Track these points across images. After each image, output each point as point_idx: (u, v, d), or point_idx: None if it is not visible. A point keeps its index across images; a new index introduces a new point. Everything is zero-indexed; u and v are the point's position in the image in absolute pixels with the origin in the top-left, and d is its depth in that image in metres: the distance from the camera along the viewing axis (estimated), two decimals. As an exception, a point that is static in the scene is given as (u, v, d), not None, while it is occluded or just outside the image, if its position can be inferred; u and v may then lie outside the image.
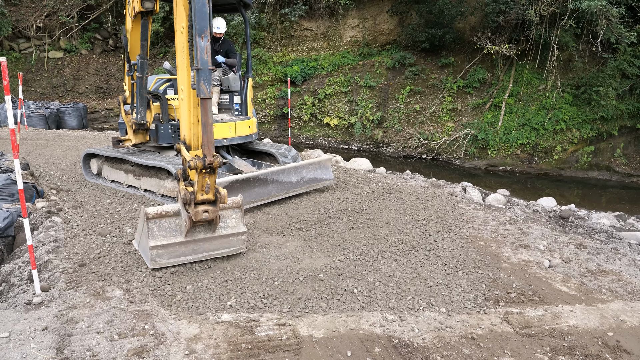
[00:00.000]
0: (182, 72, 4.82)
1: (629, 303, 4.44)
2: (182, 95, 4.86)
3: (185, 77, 4.79)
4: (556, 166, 15.27)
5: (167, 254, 4.80)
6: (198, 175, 4.50)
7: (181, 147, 4.81)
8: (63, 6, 23.00)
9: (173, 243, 4.76)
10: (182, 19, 4.64)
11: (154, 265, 4.75)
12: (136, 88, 7.28)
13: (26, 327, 3.79)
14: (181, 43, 4.72)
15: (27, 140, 12.97)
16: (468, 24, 18.17)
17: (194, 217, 4.59)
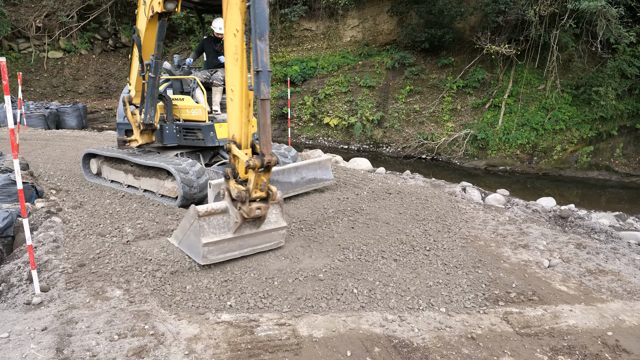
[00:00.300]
0: (233, 74, 4.86)
1: (628, 303, 4.45)
2: (231, 96, 4.91)
3: (237, 79, 4.82)
4: (556, 166, 15.27)
5: (217, 250, 4.95)
6: (255, 174, 4.66)
7: (232, 146, 4.90)
8: (63, 6, 22.99)
9: (223, 240, 4.92)
10: (237, 23, 4.68)
11: (204, 261, 4.87)
12: (147, 88, 7.23)
13: (26, 327, 3.79)
14: (234, 45, 4.75)
15: (27, 140, 12.96)
16: (468, 24, 18.16)
17: (247, 214, 4.79)
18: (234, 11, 4.68)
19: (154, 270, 4.82)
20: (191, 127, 7.63)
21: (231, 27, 4.75)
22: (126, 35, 24.06)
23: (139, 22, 7.20)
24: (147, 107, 7.33)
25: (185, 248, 5.19)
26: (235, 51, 4.75)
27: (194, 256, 5.02)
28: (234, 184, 4.86)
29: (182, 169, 6.80)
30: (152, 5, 6.69)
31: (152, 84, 7.16)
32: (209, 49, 8.48)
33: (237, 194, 4.74)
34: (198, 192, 6.92)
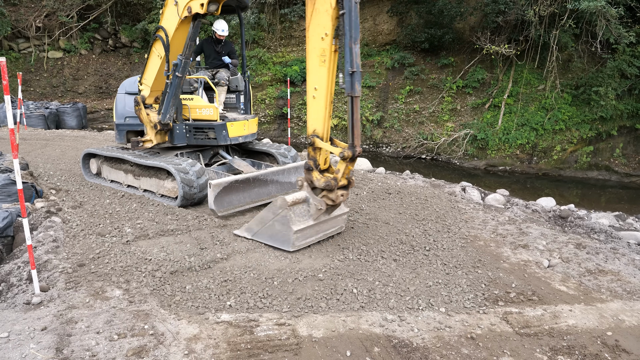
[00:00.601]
0: (319, 74, 5.18)
1: (627, 302, 4.45)
2: (314, 94, 5.26)
3: (324, 79, 5.15)
4: (555, 166, 15.27)
5: (302, 237, 5.33)
6: (345, 164, 5.16)
7: (316, 140, 5.30)
8: (62, 6, 22.98)
9: (307, 227, 5.31)
10: (327, 28, 5.01)
11: (293, 248, 5.25)
12: (171, 88, 7.20)
13: (25, 327, 3.79)
14: (321, 48, 5.10)
15: (27, 140, 12.96)
16: (467, 24, 18.17)
17: (334, 200, 5.27)
18: (323, 17, 5.03)
19: (154, 270, 4.82)
20: (202, 126, 7.69)
21: (319, 32, 5.09)
22: (126, 35, 24.06)
23: (165, 21, 7.07)
24: (167, 107, 7.32)
25: (266, 238, 5.50)
26: (322, 53, 5.10)
27: (280, 244, 5.35)
28: (318, 175, 5.31)
29: (182, 169, 6.80)
30: (188, 6, 6.66)
31: (177, 84, 7.15)
32: (210, 49, 8.48)
33: (326, 183, 5.19)
34: (198, 192, 6.92)
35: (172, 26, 7.00)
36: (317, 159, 5.37)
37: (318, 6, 5.04)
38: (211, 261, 5.06)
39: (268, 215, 5.43)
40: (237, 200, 6.73)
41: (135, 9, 23.66)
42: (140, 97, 7.62)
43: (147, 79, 7.61)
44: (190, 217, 6.38)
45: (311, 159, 5.36)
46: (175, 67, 7.09)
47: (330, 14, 4.95)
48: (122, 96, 8.14)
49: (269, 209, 5.41)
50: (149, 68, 7.56)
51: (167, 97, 7.27)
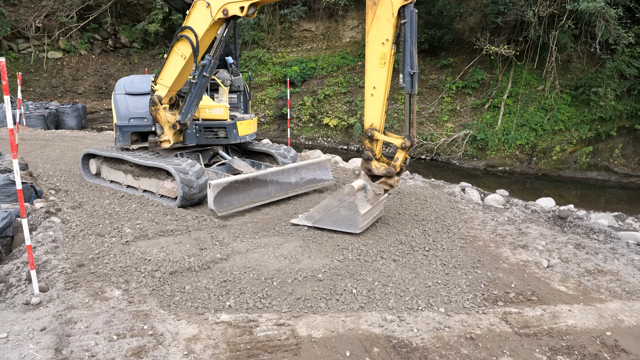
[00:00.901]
0: (379, 75, 5.77)
1: (627, 303, 4.45)
2: (372, 92, 5.87)
3: (383, 79, 5.75)
4: (555, 166, 15.28)
5: (363, 220, 5.91)
6: (403, 153, 5.83)
7: (375, 132, 5.92)
8: (62, 6, 22.97)
9: (367, 211, 5.93)
10: (388, 34, 5.63)
11: (359, 230, 5.86)
12: (195, 88, 7.22)
13: (24, 327, 3.79)
14: (381, 52, 5.71)
15: (26, 140, 12.96)
16: (467, 25, 18.18)
17: (394, 185, 5.94)
18: (384, 25, 5.64)
19: (153, 270, 4.82)
20: (212, 125, 7.83)
21: (379, 37, 5.69)
22: (126, 35, 24.05)
23: (194, 22, 7.01)
24: (189, 107, 7.37)
25: (329, 224, 6.00)
26: (382, 56, 5.71)
27: (344, 228, 5.92)
28: (378, 163, 5.96)
29: (182, 169, 6.80)
30: (224, 9, 6.69)
31: (203, 84, 7.20)
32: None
33: (387, 170, 5.84)
34: (197, 193, 6.92)
35: (202, 27, 6.97)
36: (374, 149, 5.97)
37: (379, 15, 5.61)
38: (211, 261, 5.06)
39: (333, 202, 5.93)
40: (236, 201, 6.73)
41: (135, 9, 23.66)
42: (156, 97, 7.53)
43: (165, 79, 7.49)
44: (189, 218, 6.38)
45: (368, 150, 5.97)
46: (203, 68, 7.12)
47: (391, 22, 5.56)
48: (123, 97, 8.07)
49: (335, 197, 5.93)
50: (169, 68, 7.44)
51: (191, 97, 7.33)
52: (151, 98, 7.52)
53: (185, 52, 7.16)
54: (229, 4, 6.66)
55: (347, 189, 5.80)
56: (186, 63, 7.22)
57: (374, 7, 5.66)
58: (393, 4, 5.50)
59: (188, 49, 7.10)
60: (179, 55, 7.23)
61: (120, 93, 8.02)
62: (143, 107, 7.87)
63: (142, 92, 7.94)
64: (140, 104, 7.91)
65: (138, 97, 7.95)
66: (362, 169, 6.03)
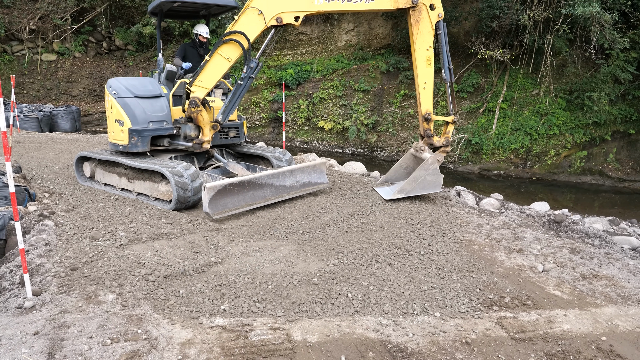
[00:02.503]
0: (427, 73, 7.71)
1: (622, 307, 4.46)
2: (424, 86, 7.75)
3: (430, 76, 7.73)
4: (549, 171, 15.35)
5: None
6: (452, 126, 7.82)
7: (432, 115, 7.74)
8: (56, 9, 22.88)
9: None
10: (430, 42, 7.69)
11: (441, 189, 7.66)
12: (241, 89, 7.46)
13: (17, 331, 3.75)
14: (427, 56, 7.69)
15: (20, 143, 12.88)
16: (462, 29, 18.26)
17: (449, 151, 7.83)
18: (427, 36, 7.63)
19: (147, 274, 4.79)
20: (225, 125, 8.20)
21: (424, 45, 7.68)
22: (120, 38, 23.99)
23: (244, 27, 7.20)
24: (232, 107, 7.58)
25: (419, 190, 7.48)
26: (428, 59, 7.67)
27: (431, 189, 7.54)
28: (437, 137, 7.77)
29: (177, 172, 6.78)
30: (278, 17, 7.12)
31: (248, 86, 7.54)
32: (192, 53, 8.46)
33: (447, 140, 7.76)
34: (192, 196, 6.90)
35: (254, 32, 7.24)
36: (430, 129, 7.78)
37: (422, 29, 7.60)
38: (205, 265, 5.04)
39: (420, 174, 7.40)
40: (231, 204, 6.71)
41: (130, 11, 23.61)
42: (197, 98, 7.45)
43: (205, 80, 7.44)
44: (184, 221, 6.35)
45: (427, 130, 7.75)
46: (251, 70, 7.41)
47: (432, 34, 7.61)
48: (134, 100, 7.68)
49: (421, 169, 7.41)
50: (212, 70, 7.42)
51: (234, 98, 7.50)
52: (191, 100, 7.41)
53: (231, 55, 7.34)
54: (284, 13, 7.10)
55: (431, 158, 7.38)
56: (230, 65, 7.44)
57: (417, 24, 7.59)
58: (432, 21, 7.57)
59: (235, 52, 7.33)
60: (224, 58, 7.34)
61: (129, 96, 7.71)
62: (160, 110, 7.73)
63: (153, 95, 7.80)
64: (156, 107, 7.71)
65: (151, 100, 7.72)
66: (425, 144, 7.78)
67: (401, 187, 7.50)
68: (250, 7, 7.14)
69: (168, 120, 7.79)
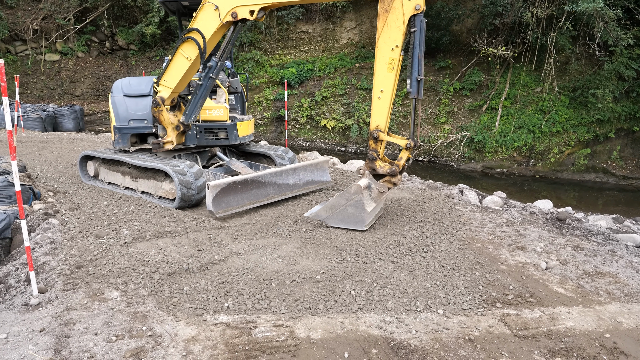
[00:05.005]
0: (387, 79, 5.98)
1: (625, 305, 4.46)
2: (379, 95, 6.05)
3: (390, 83, 5.97)
4: (552, 168, 15.31)
5: (369, 217, 6.10)
6: (407, 153, 6.14)
7: (380, 133, 6.11)
8: (59, 9, 22.95)
9: (372, 209, 6.15)
10: (398, 41, 5.85)
11: (366, 227, 6.05)
12: (201, 90, 7.24)
13: (24, 328, 3.78)
14: (391, 57, 5.92)
15: (24, 142, 12.93)
16: (465, 27, 18.22)
17: (397, 184, 6.27)
18: (395, 32, 5.84)
19: (152, 271, 4.82)
20: (213, 127, 7.88)
21: (389, 44, 5.90)
22: (123, 37, 24.04)
23: (201, 24, 7.00)
24: (194, 108, 7.40)
25: (337, 222, 6.17)
26: (391, 62, 5.92)
27: (352, 225, 6.10)
28: (382, 163, 6.23)
29: (180, 171, 6.80)
30: (233, 12, 6.71)
31: (208, 86, 7.22)
32: None
33: (392, 169, 6.14)
34: (196, 194, 6.92)
35: (209, 29, 6.97)
36: (378, 150, 6.20)
37: (390, 22, 5.81)
38: (209, 263, 5.06)
39: (340, 201, 6.10)
40: (235, 202, 6.73)
41: (132, 11, 23.65)
42: (159, 98, 7.50)
43: (169, 80, 7.46)
44: (188, 219, 6.37)
45: (373, 150, 6.19)
46: (210, 70, 7.12)
47: (402, 30, 5.78)
48: (122, 99, 7.96)
49: (342, 196, 6.10)
50: (173, 69, 7.42)
51: (196, 99, 7.35)
52: (154, 99, 7.49)
53: (190, 54, 7.17)
54: (238, 7, 6.69)
55: (354, 188, 6.00)
56: (191, 65, 7.23)
57: (385, 14, 5.85)
58: (404, 13, 5.74)
59: (194, 51, 7.11)
60: (184, 57, 7.22)
61: (119, 95, 7.94)
62: (142, 109, 7.83)
63: (141, 94, 7.90)
64: (139, 106, 7.86)
65: (137, 99, 7.89)
66: (367, 168, 6.26)
67: (317, 210, 6.29)
68: (207, 3, 6.90)
69: (149, 119, 7.83)
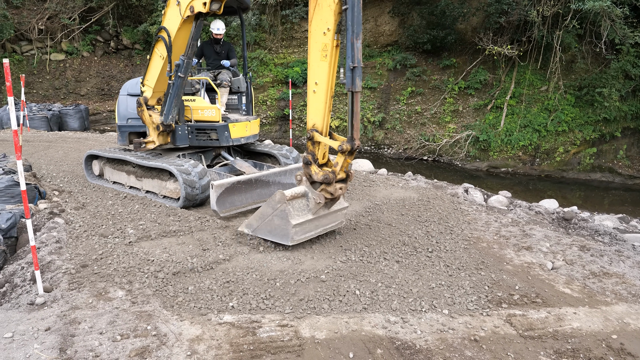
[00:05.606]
0: (320, 68, 5.14)
1: (633, 305, 4.42)
2: (314, 89, 5.23)
3: (324, 74, 5.11)
4: (558, 168, 15.24)
5: (301, 231, 5.31)
6: (343, 157, 5.19)
7: (315, 134, 5.27)
8: (65, 8, 23.05)
9: (305, 221, 5.30)
10: (329, 23, 4.98)
11: (292, 242, 5.25)
12: (173, 89, 7.19)
13: (29, 327, 3.79)
14: (323, 43, 5.06)
15: (30, 142, 12.99)
16: (470, 25, 18.16)
17: (334, 194, 5.27)
18: (326, 12, 4.99)
19: (156, 271, 4.82)
20: (204, 127, 7.71)
21: (321, 27, 5.05)
22: (128, 37, 24.11)
23: (168, 21, 7.02)
24: (169, 108, 7.30)
25: (265, 234, 5.47)
26: (324, 48, 5.06)
27: (278, 239, 5.33)
28: (317, 168, 5.29)
29: (184, 170, 6.80)
30: (191, 6, 6.64)
31: (179, 85, 7.14)
32: (209, 51, 8.51)
33: (325, 177, 5.18)
34: (200, 194, 6.92)
35: (174, 26, 6.96)
36: (316, 153, 5.35)
37: (321, 1, 5.02)
38: (213, 262, 5.06)
39: (267, 210, 5.37)
40: (239, 201, 6.73)
41: (137, 11, 23.71)
42: (142, 98, 7.57)
43: (150, 80, 7.57)
44: (192, 218, 6.38)
45: (310, 153, 5.34)
46: (178, 68, 7.06)
47: (333, 9, 4.93)
48: (125, 98, 8.11)
49: (268, 204, 5.35)
50: (151, 69, 7.52)
51: (170, 98, 7.25)
52: (137, 99, 7.56)
53: (163, 53, 7.16)
54: (194, 1, 6.61)
55: (278, 195, 5.20)
56: (164, 63, 7.22)
57: None
58: None
59: (165, 50, 7.11)
60: (159, 55, 7.24)
61: (124, 94, 8.05)
62: None
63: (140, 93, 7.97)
64: None
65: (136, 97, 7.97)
66: (304, 174, 5.42)
67: (249, 220, 5.68)
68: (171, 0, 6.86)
69: None
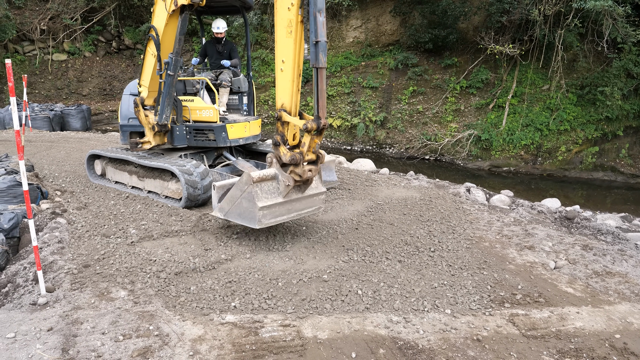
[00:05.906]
0: (286, 46, 5.04)
1: (636, 305, 4.41)
2: (281, 67, 5.11)
3: (290, 51, 5.00)
4: (560, 167, 15.21)
5: (270, 214, 5.18)
6: (310, 137, 5.01)
7: (283, 114, 5.13)
8: (67, 9, 23.07)
9: (275, 204, 5.16)
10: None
11: (259, 225, 5.09)
12: (164, 88, 7.14)
13: (32, 327, 3.79)
14: (287, 19, 4.94)
15: (32, 142, 13.00)
16: (471, 24, 18.13)
17: (301, 176, 5.10)
18: None
19: (159, 271, 4.82)
20: (202, 127, 7.67)
21: (285, 2, 4.93)
22: (129, 37, 24.14)
23: (156, 19, 7.01)
24: (162, 108, 7.26)
25: (235, 217, 5.35)
26: (289, 24, 4.94)
27: (247, 222, 5.20)
28: (285, 149, 5.14)
29: (186, 170, 6.80)
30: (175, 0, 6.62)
31: (170, 83, 7.09)
32: (212, 50, 8.51)
33: (292, 158, 5.03)
34: (202, 194, 6.92)
35: (162, 23, 6.92)
36: (285, 134, 5.22)
37: None
38: (215, 262, 5.06)
39: (236, 193, 5.23)
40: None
41: (139, 11, 23.73)
42: (139, 98, 7.55)
43: (145, 80, 7.55)
44: (194, 219, 6.38)
45: (279, 134, 5.22)
46: (167, 66, 7.02)
47: None
48: (127, 97, 8.11)
49: (237, 187, 5.20)
50: (145, 69, 7.50)
51: (162, 97, 7.22)
52: (134, 99, 7.55)
53: (154, 52, 7.13)
54: None
55: (245, 177, 5.08)
56: (156, 62, 7.20)
57: None
58: None
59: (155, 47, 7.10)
60: (151, 55, 7.22)
61: (126, 94, 8.06)
62: None
63: None
64: None
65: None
66: (274, 156, 5.29)
67: (221, 203, 5.56)
68: None
69: None
